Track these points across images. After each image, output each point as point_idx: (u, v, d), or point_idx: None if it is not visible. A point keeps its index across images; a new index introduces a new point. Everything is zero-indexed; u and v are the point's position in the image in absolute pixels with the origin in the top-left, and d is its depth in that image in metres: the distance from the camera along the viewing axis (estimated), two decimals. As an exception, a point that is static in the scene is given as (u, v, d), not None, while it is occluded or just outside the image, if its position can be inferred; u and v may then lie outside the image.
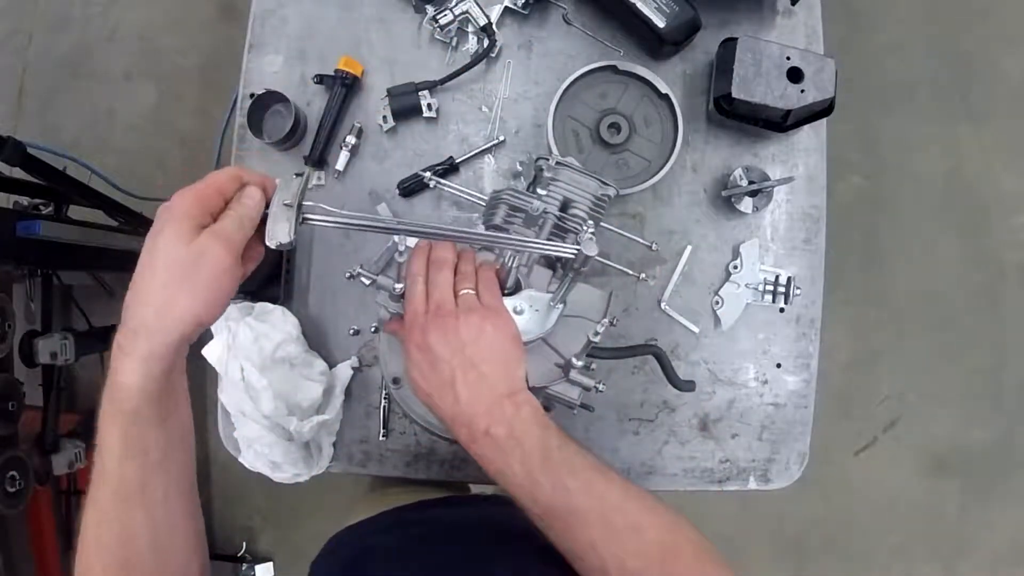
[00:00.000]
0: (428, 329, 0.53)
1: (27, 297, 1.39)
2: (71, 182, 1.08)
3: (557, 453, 0.50)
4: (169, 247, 0.47)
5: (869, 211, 1.79)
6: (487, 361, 0.52)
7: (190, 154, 1.84)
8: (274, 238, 0.51)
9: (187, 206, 0.48)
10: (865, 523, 1.73)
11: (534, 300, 0.59)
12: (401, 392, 0.72)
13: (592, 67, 0.78)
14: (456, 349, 0.52)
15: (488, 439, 0.50)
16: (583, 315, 0.65)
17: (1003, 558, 1.72)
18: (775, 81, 0.72)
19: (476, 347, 0.52)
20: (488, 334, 0.53)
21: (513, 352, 0.54)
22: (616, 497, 0.49)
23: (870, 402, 1.77)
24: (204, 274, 0.47)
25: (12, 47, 1.92)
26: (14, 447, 1.15)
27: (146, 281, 0.47)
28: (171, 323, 0.47)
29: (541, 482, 0.49)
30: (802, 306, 0.81)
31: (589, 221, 0.63)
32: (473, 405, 0.51)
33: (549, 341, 0.62)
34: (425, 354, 0.53)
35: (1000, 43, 1.81)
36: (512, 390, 0.52)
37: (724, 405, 0.80)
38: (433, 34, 0.82)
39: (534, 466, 0.49)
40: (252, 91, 0.82)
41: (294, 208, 0.52)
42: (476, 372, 0.52)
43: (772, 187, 0.77)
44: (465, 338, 0.52)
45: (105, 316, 1.55)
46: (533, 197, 0.63)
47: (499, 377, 0.52)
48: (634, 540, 0.48)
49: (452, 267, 0.56)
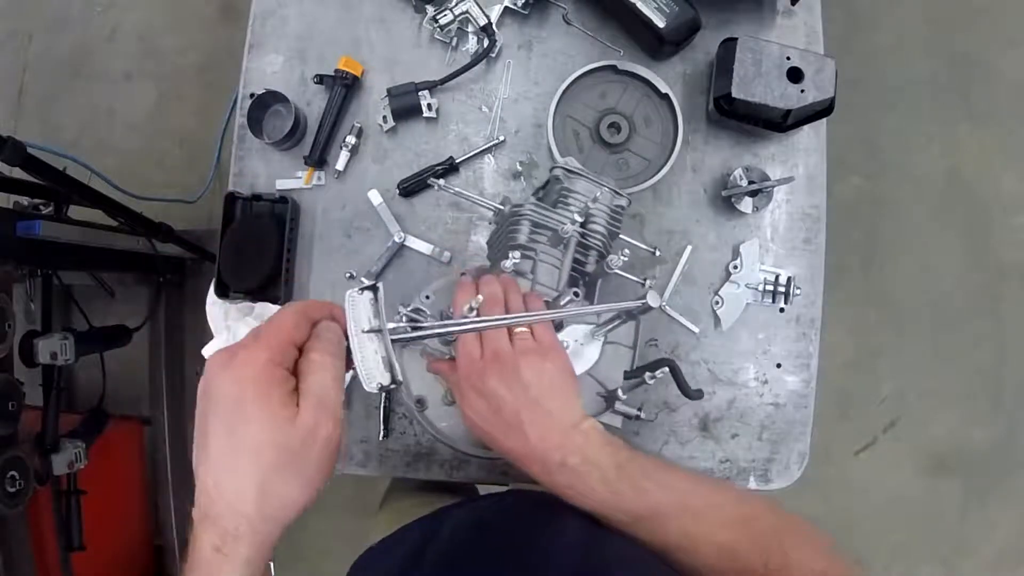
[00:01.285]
0: (487, 374, 0.53)
1: (27, 297, 1.39)
2: (71, 182, 1.08)
3: (628, 464, 0.52)
4: (265, 426, 0.38)
5: (869, 211, 1.79)
6: (551, 399, 0.53)
7: (190, 154, 1.83)
8: (372, 380, 0.42)
9: (265, 369, 0.39)
10: (865, 523, 1.73)
11: (577, 333, 0.61)
12: (427, 414, 0.70)
13: (592, 67, 0.78)
14: (518, 392, 0.52)
15: (565, 469, 0.51)
16: (617, 341, 0.66)
17: (1003, 558, 1.72)
18: (775, 81, 0.72)
19: (539, 387, 0.52)
20: (549, 372, 0.53)
21: (572, 385, 0.55)
22: (688, 485, 0.53)
23: (870, 402, 1.76)
24: (315, 455, 0.39)
25: (12, 47, 1.92)
26: (14, 447, 1.15)
27: (240, 467, 0.38)
28: (280, 516, 0.39)
29: (622, 492, 0.50)
30: (802, 306, 0.81)
31: (625, 251, 0.63)
32: (544, 442, 0.52)
33: (591, 372, 0.63)
34: (487, 400, 0.53)
35: (1000, 43, 1.81)
36: (576, 420, 0.53)
37: (724, 405, 0.80)
38: (433, 34, 0.82)
39: (611, 480, 0.51)
40: (252, 91, 0.82)
41: (382, 334, 0.43)
42: (542, 410, 0.52)
43: (772, 187, 0.77)
44: (528, 380, 0.52)
45: (105, 316, 1.55)
46: (558, 215, 0.63)
47: (563, 410, 0.53)
48: (717, 515, 0.51)
49: (503, 304, 0.56)
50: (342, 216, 0.82)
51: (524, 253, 0.64)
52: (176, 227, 1.41)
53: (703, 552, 0.50)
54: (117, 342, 1.48)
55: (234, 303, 0.80)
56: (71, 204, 1.28)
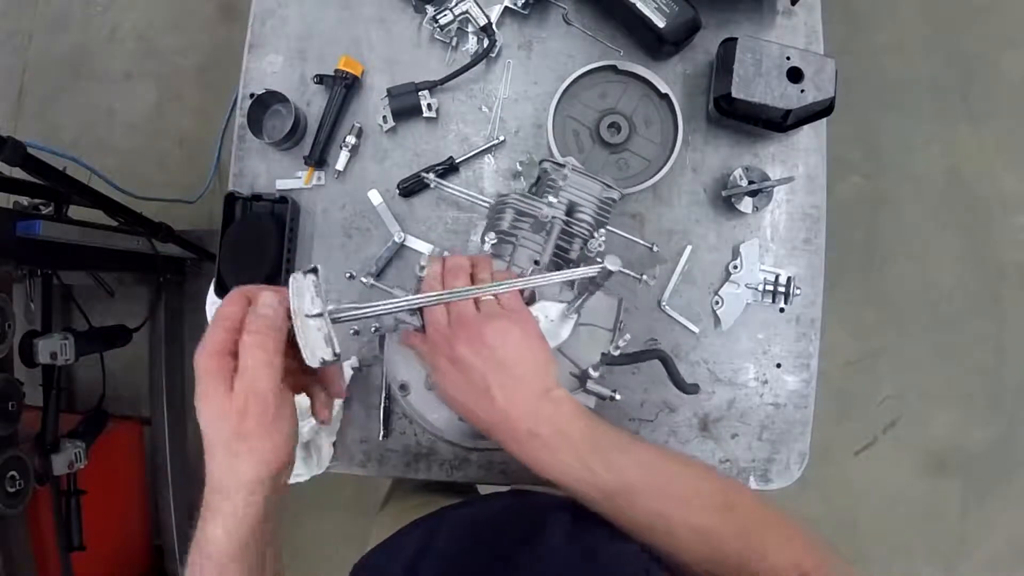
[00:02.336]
0: (455, 340, 0.52)
1: (27, 297, 1.39)
2: (71, 182, 1.08)
3: (603, 438, 0.51)
4: (212, 413, 0.44)
5: (869, 211, 1.79)
6: (519, 363, 0.52)
7: (190, 154, 1.83)
8: (315, 355, 0.45)
9: (205, 363, 0.45)
10: (865, 523, 1.73)
11: (549, 310, 0.59)
12: (409, 399, 0.71)
13: (592, 67, 0.78)
14: (486, 356, 0.51)
15: (535, 440, 0.50)
16: (595, 323, 0.65)
17: (1003, 558, 1.72)
18: (775, 81, 0.72)
19: (505, 350, 0.52)
20: (515, 336, 0.53)
21: (542, 350, 0.54)
22: (670, 465, 0.52)
23: (870, 402, 1.77)
24: (253, 431, 0.44)
25: (12, 47, 1.92)
26: (14, 447, 1.15)
27: (209, 443, 0.45)
28: (242, 483, 0.44)
29: (595, 467, 0.49)
30: (802, 306, 0.81)
31: (601, 230, 0.63)
32: (512, 408, 0.51)
33: (564, 351, 0.62)
34: (455, 364, 0.53)
35: (1000, 43, 1.81)
36: (547, 387, 0.52)
37: (724, 405, 0.80)
38: (433, 34, 0.82)
39: (585, 454, 0.50)
40: (252, 91, 0.82)
41: (323, 315, 0.46)
42: (509, 375, 0.52)
43: (772, 187, 0.77)
44: (493, 343, 0.51)
45: (105, 316, 1.55)
46: (540, 202, 0.63)
47: (533, 377, 0.52)
48: (698, 500, 0.50)
49: (468, 274, 0.56)
50: (342, 216, 0.82)
51: (503, 238, 0.64)
52: (176, 227, 1.41)
53: (679, 534, 0.49)
54: (117, 342, 1.48)
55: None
56: (71, 204, 1.28)
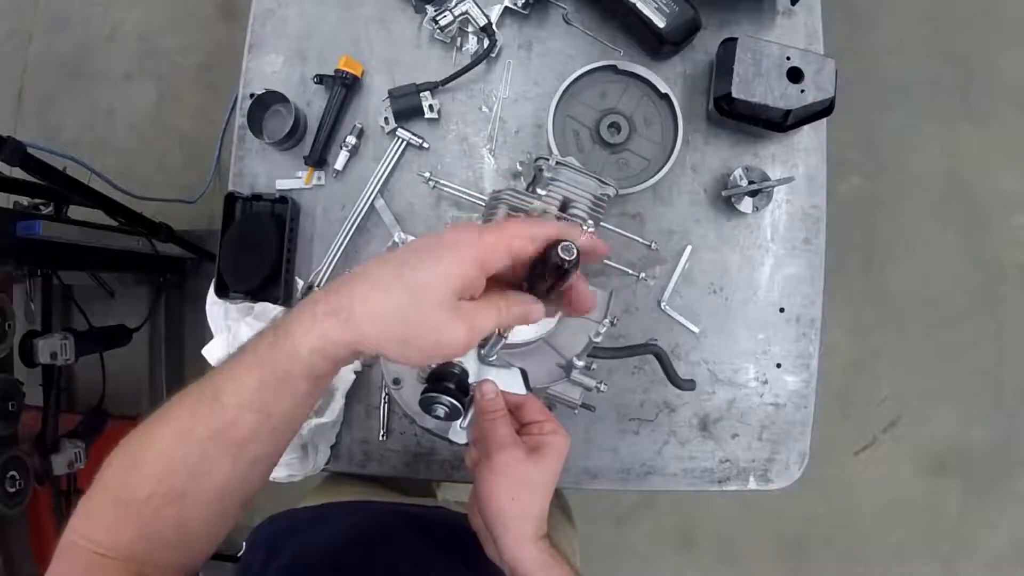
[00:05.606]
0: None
1: (27, 297, 1.38)
2: (71, 182, 1.08)
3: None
4: (427, 290, 0.41)
5: (869, 211, 1.79)
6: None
7: (190, 154, 1.83)
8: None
9: (469, 263, 0.41)
10: (865, 523, 1.73)
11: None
12: (401, 392, 0.72)
13: (592, 67, 0.78)
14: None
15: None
16: (584, 315, 0.65)
17: (1003, 558, 1.72)
18: (775, 81, 0.72)
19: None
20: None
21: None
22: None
23: (870, 402, 1.77)
24: (429, 340, 0.41)
25: (12, 47, 1.92)
26: (14, 447, 1.15)
27: (381, 285, 0.41)
28: (371, 335, 0.41)
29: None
30: (802, 306, 0.81)
31: (589, 221, 0.63)
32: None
33: (550, 342, 0.62)
34: None
35: (1000, 43, 1.81)
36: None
37: (724, 405, 0.80)
38: (433, 34, 0.82)
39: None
40: (252, 91, 0.82)
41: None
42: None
43: (772, 187, 0.77)
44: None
45: (105, 316, 1.55)
46: (533, 197, 0.63)
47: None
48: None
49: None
50: (342, 216, 0.82)
51: None
52: (176, 227, 1.41)
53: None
54: (117, 342, 1.48)
55: (234, 303, 0.80)
56: (71, 204, 1.28)
